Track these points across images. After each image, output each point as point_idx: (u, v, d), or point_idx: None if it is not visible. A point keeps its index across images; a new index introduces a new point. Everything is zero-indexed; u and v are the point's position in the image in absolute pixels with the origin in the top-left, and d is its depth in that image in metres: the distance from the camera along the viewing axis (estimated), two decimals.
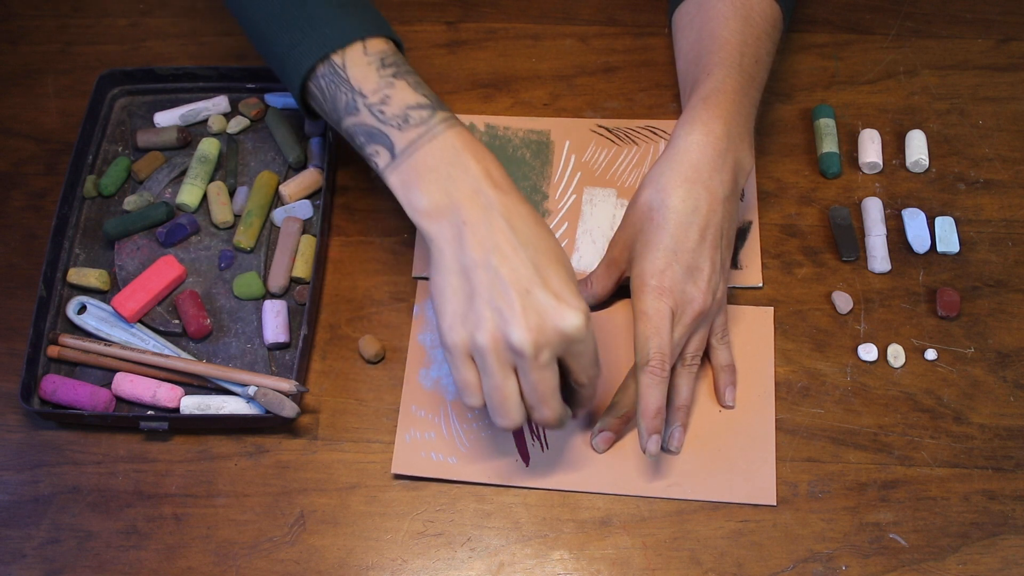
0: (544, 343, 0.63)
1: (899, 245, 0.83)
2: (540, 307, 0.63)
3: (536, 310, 0.63)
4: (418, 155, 0.67)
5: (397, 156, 0.68)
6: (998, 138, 0.88)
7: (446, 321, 0.65)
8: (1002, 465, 0.74)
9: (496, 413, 0.66)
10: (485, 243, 0.64)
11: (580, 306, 0.64)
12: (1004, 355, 0.78)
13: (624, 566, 0.71)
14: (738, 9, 0.80)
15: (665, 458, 0.74)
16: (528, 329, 0.63)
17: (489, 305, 0.63)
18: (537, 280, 0.64)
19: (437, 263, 0.66)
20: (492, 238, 0.64)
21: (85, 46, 0.97)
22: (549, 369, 0.65)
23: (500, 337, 0.63)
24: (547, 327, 0.63)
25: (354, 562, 0.72)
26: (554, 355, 0.64)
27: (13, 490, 0.76)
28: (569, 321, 0.63)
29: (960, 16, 0.95)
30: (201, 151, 0.87)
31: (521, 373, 0.65)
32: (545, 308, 0.63)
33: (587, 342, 0.65)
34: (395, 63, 0.70)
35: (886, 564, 0.71)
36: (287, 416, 0.74)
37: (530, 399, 0.66)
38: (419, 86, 0.69)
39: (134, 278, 0.81)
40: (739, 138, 0.75)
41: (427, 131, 0.67)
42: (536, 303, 0.63)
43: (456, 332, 0.65)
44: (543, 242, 0.66)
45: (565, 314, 0.63)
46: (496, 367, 0.64)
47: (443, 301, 0.65)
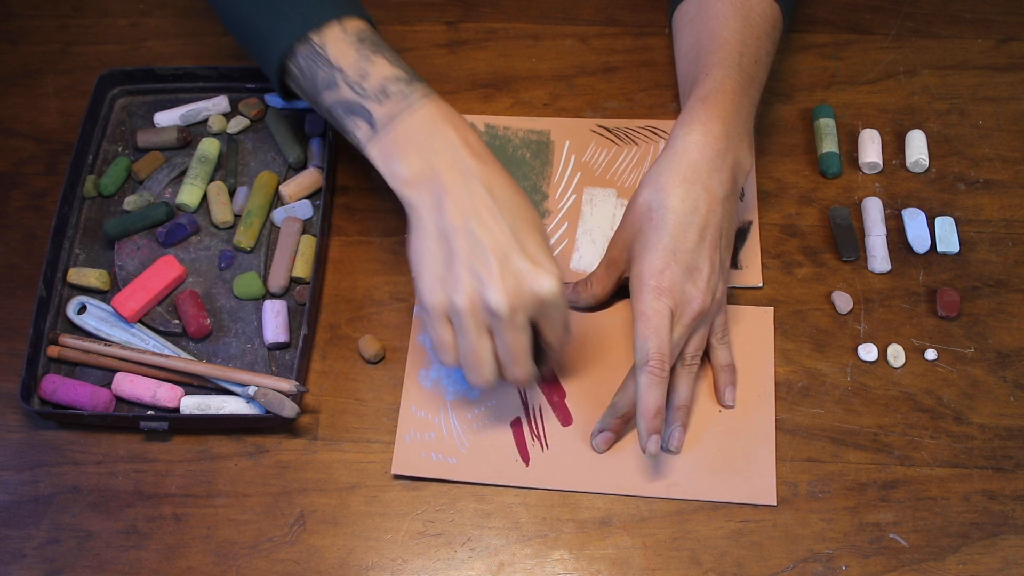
0: (520, 305, 0.66)
1: (899, 245, 0.83)
2: (517, 271, 0.66)
3: (513, 274, 0.66)
4: (398, 127, 0.69)
5: (377, 129, 0.70)
6: (998, 138, 0.88)
7: (425, 283, 0.68)
8: (1002, 465, 0.74)
9: (470, 371, 0.69)
10: (465, 209, 0.67)
11: (555, 271, 0.67)
12: (1004, 355, 0.78)
13: (624, 566, 0.71)
14: (738, 9, 0.80)
15: (665, 458, 0.74)
16: (505, 292, 0.65)
17: (468, 269, 0.66)
18: (515, 245, 0.66)
19: (417, 228, 0.69)
20: (471, 204, 0.67)
21: (85, 46, 0.97)
22: (523, 331, 0.67)
23: (477, 299, 0.66)
24: (523, 290, 0.66)
25: (354, 562, 0.72)
26: (528, 317, 0.67)
27: (13, 490, 0.76)
28: (545, 285, 0.66)
29: (960, 16, 0.95)
30: (201, 151, 0.87)
31: (496, 334, 0.67)
32: (522, 272, 0.66)
33: (560, 306, 0.68)
34: (372, 40, 0.72)
35: (886, 564, 0.71)
36: (287, 416, 0.74)
37: (503, 359, 0.69)
38: (396, 61, 0.71)
39: (134, 278, 0.81)
40: (738, 138, 0.75)
41: (406, 103, 0.70)
42: (513, 267, 0.66)
43: (435, 294, 0.67)
44: (520, 208, 0.68)
45: (541, 278, 0.66)
46: (472, 327, 0.67)
47: (422, 264, 0.68)
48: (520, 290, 0.66)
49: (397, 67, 0.71)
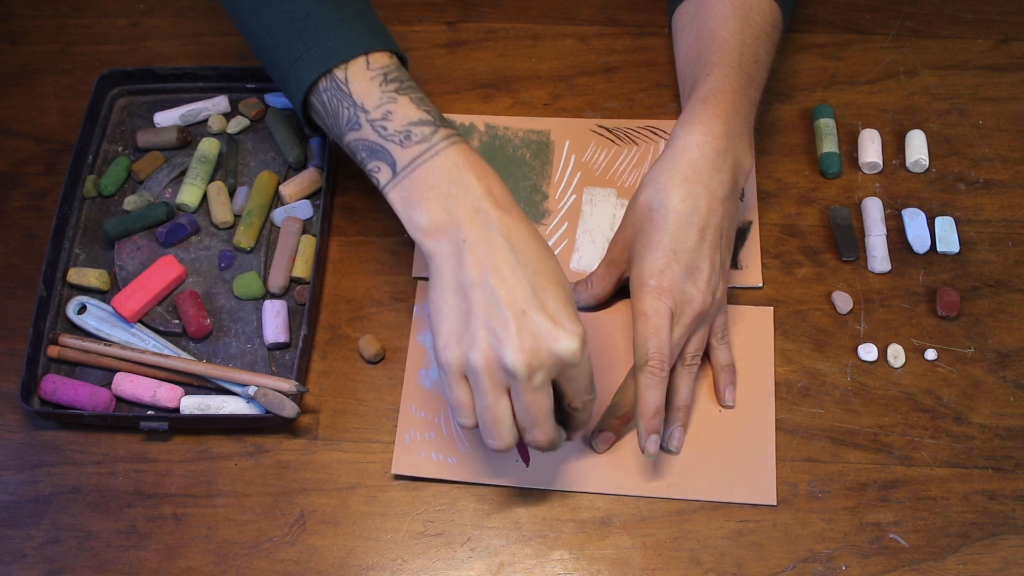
0: (538, 366, 0.63)
1: (899, 245, 0.83)
2: (535, 329, 0.62)
3: (531, 332, 0.62)
4: (419, 172, 0.66)
5: (398, 173, 0.67)
6: (998, 138, 0.88)
7: (441, 340, 0.65)
8: (1002, 465, 0.74)
9: (488, 434, 0.66)
10: (483, 262, 0.64)
11: (576, 330, 0.63)
12: (1004, 355, 0.78)
13: (624, 566, 0.71)
14: (737, 9, 0.80)
15: (665, 458, 0.74)
16: (522, 351, 0.62)
17: (484, 325, 0.63)
18: (534, 302, 0.63)
19: (435, 281, 0.65)
20: (491, 258, 0.64)
21: (85, 46, 0.97)
22: (542, 392, 0.64)
23: (494, 358, 0.63)
24: (541, 350, 0.62)
25: (354, 562, 0.72)
26: (548, 378, 0.64)
27: (13, 490, 0.76)
28: (564, 344, 0.63)
29: (960, 16, 0.95)
30: (201, 151, 0.87)
31: (514, 395, 0.64)
32: (540, 331, 0.62)
33: (582, 366, 0.65)
34: (398, 78, 0.69)
35: (886, 564, 0.71)
36: (287, 416, 0.74)
37: (523, 421, 0.65)
38: (422, 102, 0.69)
39: (134, 278, 0.81)
40: (738, 138, 0.75)
41: (429, 148, 0.67)
42: (531, 325, 0.62)
43: (451, 351, 0.64)
44: (542, 263, 0.65)
45: (560, 337, 0.62)
46: (489, 388, 0.64)
47: (439, 319, 0.65)
48: (538, 349, 0.62)
49: (422, 108, 0.68)
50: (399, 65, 0.71)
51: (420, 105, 0.68)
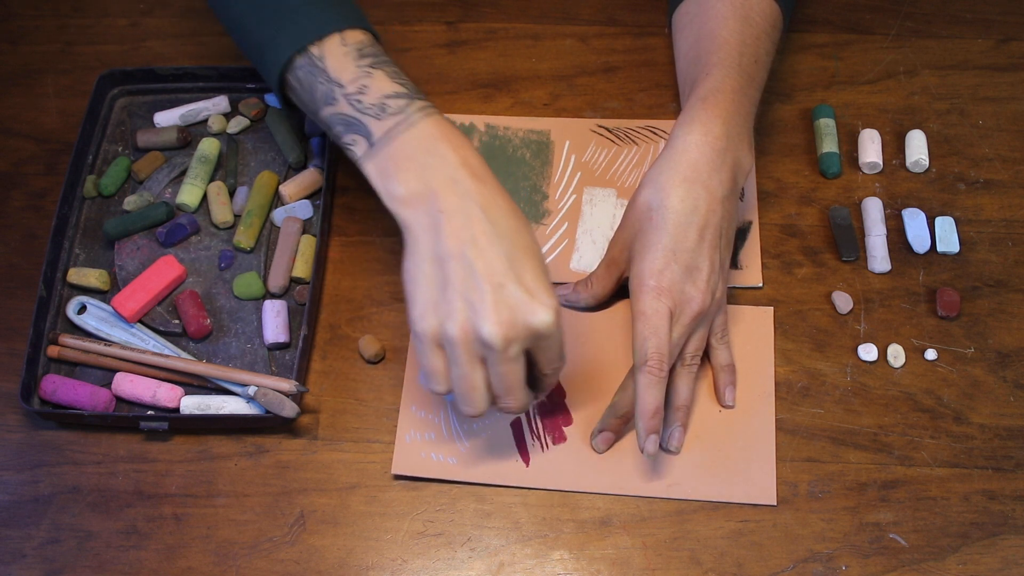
0: (514, 337, 0.64)
1: (899, 245, 0.83)
2: (512, 302, 0.64)
3: (508, 304, 0.64)
4: (395, 143, 0.67)
5: (375, 145, 0.68)
6: (998, 138, 0.88)
7: (417, 309, 0.66)
8: (1002, 465, 0.74)
9: (463, 401, 0.67)
10: (461, 234, 0.65)
11: (550, 302, 0.65)
12: (1004, 355, 0.78)
13: (624, 566, 0.71)
14: (737, 9, 0.80)
15: (665, 458, 0.74)
16: (499, 323, 0.63)
17: (462, 297, 0.64)
18: (511, 274, 0.64)
19: (412, 250, 0.66)
20: (468, 229, 0.65)
21: (85, 46, 0.97)
22: (517, 362, 0.66)
23: (470, 329, 0.64)
24: (517, 322, 0.64)
25: (354, 562, 0.72)
26: (522, 348, 0.65)
27: (13, 490, 0.76)
28: (539, 317, 0.64)
29: (960, 16, 0.95)
30: (201, 151, 0.87)
31: (489, 364, 0.66)
32: (517, 303, 0.64)
33: (555, 337, 0.66)
34: (373, 53, 0.71)
35: (886, 564, 0.71)
36: (287, 416, 0.74)
37: (497, 389, 0.67)
38: (397, 75, 0.70)
39: (134, 278, 0.81)
40: (738, 138, 0.75)
41: (404, 119, 0.68)
42: (508, 297, 0.64)
43: (427, 320, 0.65)
44: (519, 236, 0.66)
45: (536, 310, 0.64)
46: (465, 358, 0.65)
47: (415, 288, 0.66)
48: (514, 321, 0.64)
49: (397, 82, 0.69)
50: (373, 41, 0.72)
51: (395, 78, 0.69)
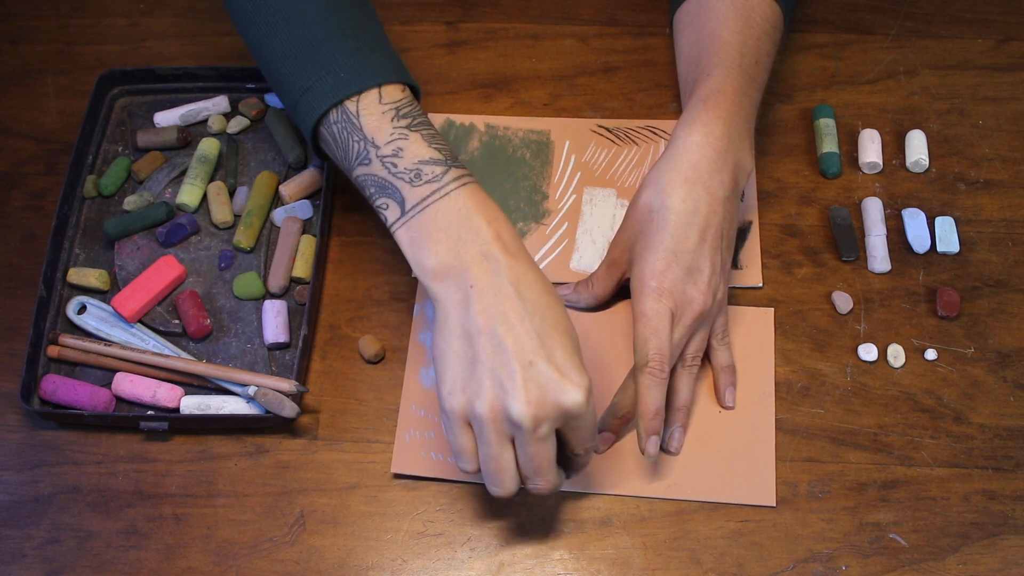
0: (544, 417, 0.62)
1: (899, 245, 0.83)
2: (542, 381, 0.62)
3: (537, 383, 0.62)
4: (428, 212, 0.65)
5: (407, 212, 0.66)
6: (998, 138, 0.88)
7: (446, 386, 0.64)
8: (1002, 465, 0.74)
9: (491, 482, 0.66)
10: (491, 310, 0.63)
11: (582, 382, 0.63)
12: (1004, 355, 0.78)
13: (624, 566, 0.71)
14: (739, 10, 0.80)
15: (665, 458, 0.74)
16: (528, 403, 0.61)
17: (491, 375, 0.62)
18: (541, 352, 0.62)
19: (441, 325, 0.65)
20: (499, 305, 0.63)
21: (85, 46, 0.97)
22: (547, 442, 0.64)
23: (499, 408, 0.62)
24: (547, 401, 0.62)
25: (354, 562, 0.72)
26: (552, 428, 0.63)
27: (13, 490, 0.76)
28: (570, 397, 0.62)
29: (960, 16, 0.95)
30: (201, 151, 0.87)
31: (519, 444, 0.64)
32: (547, 382, 0.62)
33: (586, 416, 0.64)
34: (411, 113, 0.68)
35: (886, 564, 0.71)
36: (287, 416, 0.74)
37: (526, 469, 0.65)
38: (434, 139, 0.67)
39: (134, 278, 0.81)
40: (739, 139, 0.75)
41: (439, 188, 0.66)
42: (538, 376, 0.62)
43: (455, 398, 0.64)
44: (549, 311, 0.64)
45: (567, 389, 0.62)
46: (493, 437, 0.63)
47: (444, 365, 0.64)
48: (544, 401, 0.62)
49: (434, 147, 0.67)
50: (412, 99, 0.69)
51: (432, 143, 0.67)
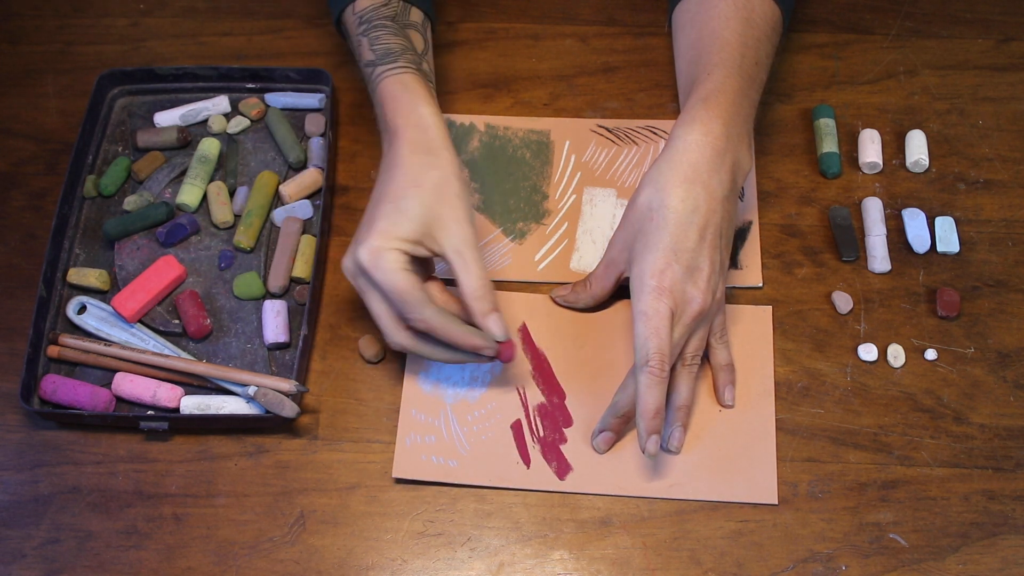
0: (352, 271, 0.73)
1: (899, 245, 0.83)
2: (357, 237, 0.73)
3: (356, 239, 0.73)
4: (375, 108, 0.79)
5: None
6: (998, 138, 0.88)
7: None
8: (1002, 465, 0.74)
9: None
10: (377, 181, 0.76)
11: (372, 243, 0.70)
12: (1004, 355, 0.78)
13: (624, 566, 0.71)
14: (739, 10, 0.80)
15: (665, 458, 0.74)
16: (347, 256, 0.73)
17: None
18: (369, 217, 0.73)
19: None
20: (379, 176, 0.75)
21: (85, 46, 0.97)
22: (368, 295, 0.73)
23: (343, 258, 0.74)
24: (350, 255, 0.72)
25: (354, 562, 0.72)
26: (365, 286, 0.72)
27: (13, 490, 0.76)
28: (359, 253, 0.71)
29: (960, 16, 0.95)
30: (201, 151, 0.87)
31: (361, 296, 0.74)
32: (357, 238, 0.72)
33: (376, 276, 0.71)
34: (369, 19, 0.80)
35: (886, 564, 0.71)
36: (287, 416, 0.74)
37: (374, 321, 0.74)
38: (376, 41, 0.79)
39: (134, 278, 0.81)
40: (738, 138, 0.75)
41: (371, 87, 0.79)
42: (357, 234, 0.73)
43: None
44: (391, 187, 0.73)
45: (358, 247, 0.71)
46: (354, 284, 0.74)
47: None
48: (351, 256, 0.72)
49: (371, 49, 0.79)
50: (379, 6, 0.80)
51: (372, 45, 0.79)
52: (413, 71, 0.77)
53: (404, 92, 0.76)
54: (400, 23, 0.80)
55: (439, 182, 0.72)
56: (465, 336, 0.72)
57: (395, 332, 0.73)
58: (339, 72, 0.93)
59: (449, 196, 0.72)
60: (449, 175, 0.73)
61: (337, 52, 0.95)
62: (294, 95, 0.90)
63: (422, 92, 0.76)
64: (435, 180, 0.72)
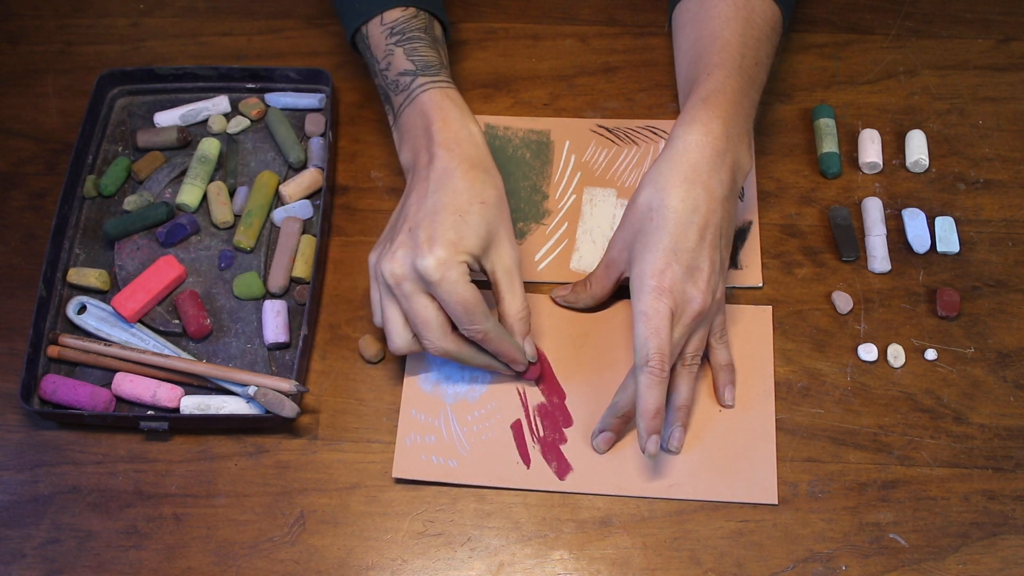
0: (402, 275, 0.70)
1: (899, 245, 0.83)
2: (411, 244, 0.70)
3: (407, 246, 0.70)
4: (403, 118, 0.78)
5: (395, 118, 0.79)
6: (998, 138, 0.88)
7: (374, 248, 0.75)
8: (1002, 465, 0.74)
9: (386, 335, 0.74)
10: (411, 190, 0.74)
11: (440, 254, 0.69)
12: (1004, 355, 0.78)
13: (624, 566, 0.71)
14: (739, 10, 0.80)
15: (665, 458, 0.74)
16: (393, 260, 0.71)
17: (388, 237, 0.73)
18: (424, 224, 0.70)
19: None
20: (417, 187, 0.73)
21: (85, 46, 0.97)
22: (415, 301, 0.71)
23: (378, 263, 0.72)
24: (407, 262, 0.70)
25: (354, 562, 0.72)
26: (415, 289, 0.70)
27: (13, 490, 0.76)
28: (423, 261, 0.69)
29: (960, 16, 0.95)
30: (201, 151, 0.87)
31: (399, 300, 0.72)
32: (414, 246, 0.70)
33: (443, 287, 0.69)
34: (402, 31, 0.79)
35: (886, 564, 0.71)
36: (287, 416, 0.74)
37: (412, 326, 0.72)
38: (413, 52, 0.78)
39: (134, 278, 0.81)
40: (738, 138, 0.75)
41: (408, 95, 0.77)
42: (410, 240, 0.70)
43: (372, 255, 0.74)
44: (451, 198, 0.71)
45: (423, 254, 0.69)
46: (378, 288, 0.73)
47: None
48: (404, 261, 0.70)
49: (410, 59, 0.77)
50: (410, 19, 0.80)
51: (410, 56, 0.78)
52: (454, 87, 0.78)
53: (454, 107, 0.76)
54: (430, 36, 0.80)
55: (498, 201, 0.73)
56: (512, 350, 0.74)
57: (442, 338, 0.72)
58: (339, 72, 0.93)
59: (505, 216, 0.74)
60: (503, 195, 0.74)
61: (337, 52, 0.95)
62: (294, 95, 0.90)
63: (468, 109, 0.77)
64: (495, 199, 0.73)
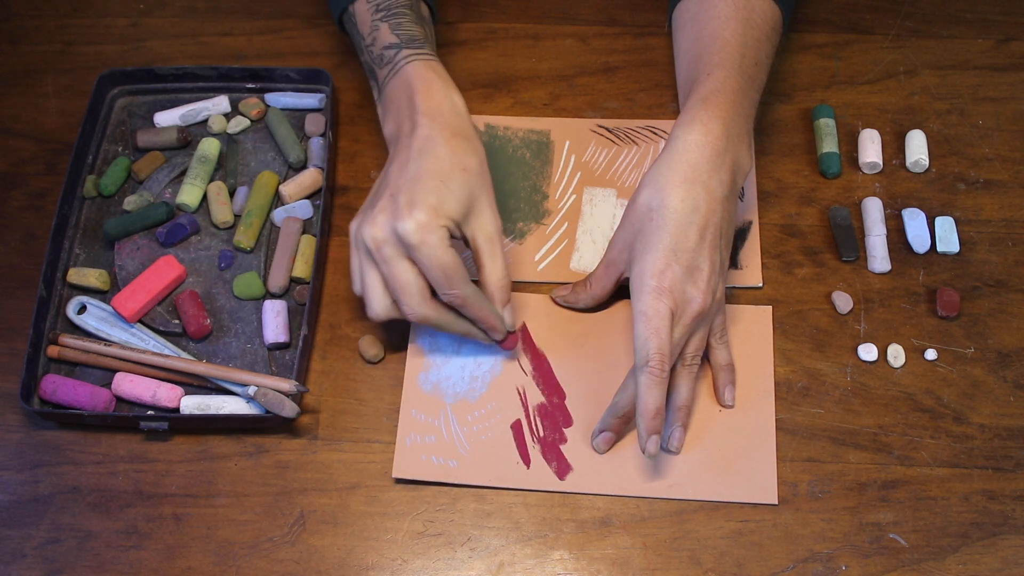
0: (383, 239, 0.70)
1: (899, 245, 0.83)
2: (392, 208, 0.71)
3: (388, 210, 0.71)
4: (387, 90, 0.78)
5: (380, 90, 0.79)
6: (998, 138, 0.88)
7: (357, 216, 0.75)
8: (1002, 465, 0.74)
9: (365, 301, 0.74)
10: (393, 158, 0.74)
11: (421, 217, 0.69)
12: (1004, 355, 0.78)
13: (624, 566, 0.71)
14: (739, 10, 0.80)
15: (666, 458, 0.74)
16: (374, 224, 0.71)
17: (370, 203, 0.73)
18: (405, 188, 0.71)
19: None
20: (400, 155, 0.73)
21: (85, 46, 0.97)
22: (395, 265, 0.71)
23: (356, 229, 0.73)
24: (387, 225, 0.70)
25: (354, 562, 0.72)
26: (395, 253, 0.71)
27: (13, 490, 0.76)
28: (403, 224, 0.69)
29: (960, 16, 0.95)
30: (201, 151, 0.87)
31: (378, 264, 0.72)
32: (394, 210, 0.70)
33: (422, 251, 0.70)
34: (388, 7, 0.79)
35: (886, 564, 0.71)
36: (287, 416, 0.74)
37: (391, 291, 0.72)
38: (399, 27, 0.78)
39: (134, 278, 0.81)
40: (738, 138, 0.75)
41: (392, 68, 0.77)
42: (391, 205, 0.71)
43: (354, 221, 0.74)
44: (434, 164, 0.71)
45: (404, 217, 0.69)
46: (357, 253, 0.73)
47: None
48: (385, 225, 0.70)
49: (395, 33, 0.78)
50: None
51: (395, 30, 0.78)
52: (438, 60, 0.78)
53: (437, 78, 0.76)
54: (416, 12, 0.81)
55: (480, 169, 0.73)
56: (490, 316, 0.74)
57: (421, 304, 0.72)
58: (339, 72, 0.93)
59: (486, 184, 0.74)
60: (485, 164, 0.74)
61: (337, 52, 0.95)
62: (294, 95, 0.90)
63: (451, 81, 0.77)
64: (477, 166, 0.73)
